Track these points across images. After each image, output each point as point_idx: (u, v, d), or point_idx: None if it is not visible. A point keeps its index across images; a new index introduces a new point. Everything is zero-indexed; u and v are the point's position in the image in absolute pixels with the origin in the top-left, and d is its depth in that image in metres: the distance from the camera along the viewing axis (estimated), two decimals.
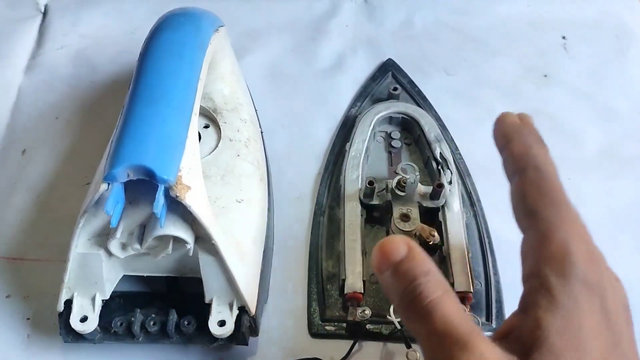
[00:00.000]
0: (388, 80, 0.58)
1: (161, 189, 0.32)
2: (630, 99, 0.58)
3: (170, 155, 0.33)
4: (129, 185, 0.34)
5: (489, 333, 0.41)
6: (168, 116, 0.34)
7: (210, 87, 0.46)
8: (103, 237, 0.36)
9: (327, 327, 0.42)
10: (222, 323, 0.38)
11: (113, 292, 0.39)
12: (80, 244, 0.36)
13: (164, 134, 0.33)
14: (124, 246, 0.36)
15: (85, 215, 0.34)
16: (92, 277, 0.37)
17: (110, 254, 0.36)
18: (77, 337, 0.38)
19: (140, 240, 0.35)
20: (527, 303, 0.26)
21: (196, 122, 0.37)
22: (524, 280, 0.27)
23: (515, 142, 0.30)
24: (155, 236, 0.34)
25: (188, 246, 0.35)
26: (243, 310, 0.38)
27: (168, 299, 0.40)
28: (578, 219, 0.27)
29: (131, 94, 0.35)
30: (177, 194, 0.32)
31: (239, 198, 0.41)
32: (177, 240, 0.35)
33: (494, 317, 0.42)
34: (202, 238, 0.36)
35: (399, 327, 0.39)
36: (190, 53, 0.38)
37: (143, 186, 0.33)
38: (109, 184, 0.32)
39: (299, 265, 0.46)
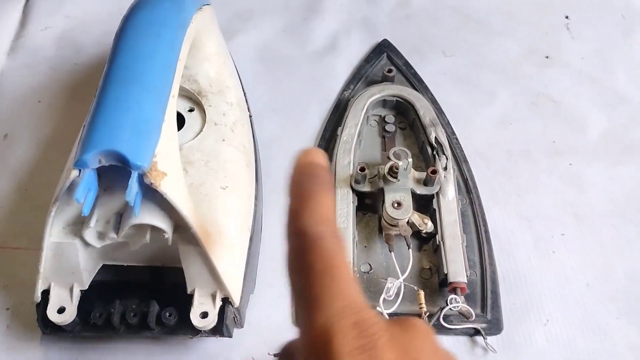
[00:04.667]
0: (383, 62, 0.55)
1: (134, 176, 0.30)
2: (635, 82, 0.56)
3: (144, 140, 0.31)
4: (103, 172, 0.32)
5: None
6: (143, 99, 0.32)
7: (195, 69, 0.44)
8: (78, 225, 0.35)
9: None
10: (204, 315, 0.36)
11: (93, 281, 0.38)
12: (55, 233, 0.35)
13: (138, 117, 0.31)
14: (100, 235, 0.34)
15: (57, 203, 0.33)
16: (68, 267, 0.36)
17: (86, 243, 0.35)
18: (55, 329, 0.37)
19: (117, 229, 0.34)
20: None
21: (174, 105, 0.35)
22: None
23: (291, 195, 0.22)
24: (131, 225, 0.32)
25: (166, 235, 0.34)
26: (227, 301, 0.37)
27: (150, 289, 0.38)
28: (353, 293, 0.19)
29: (105, 75, 0.34)
30: (152, 181, 0.31)
31: (224, 185, 0.39)
32: (155, 229, 0.33)
33: (489, 308, 0.41)
34: (181, 227, 0.34)
35: (387, 318, 0.38)
36: (169, 32, 0.36)
37: (118, 173, 0.31)
38: (79, 170, 0.30)
39: None
